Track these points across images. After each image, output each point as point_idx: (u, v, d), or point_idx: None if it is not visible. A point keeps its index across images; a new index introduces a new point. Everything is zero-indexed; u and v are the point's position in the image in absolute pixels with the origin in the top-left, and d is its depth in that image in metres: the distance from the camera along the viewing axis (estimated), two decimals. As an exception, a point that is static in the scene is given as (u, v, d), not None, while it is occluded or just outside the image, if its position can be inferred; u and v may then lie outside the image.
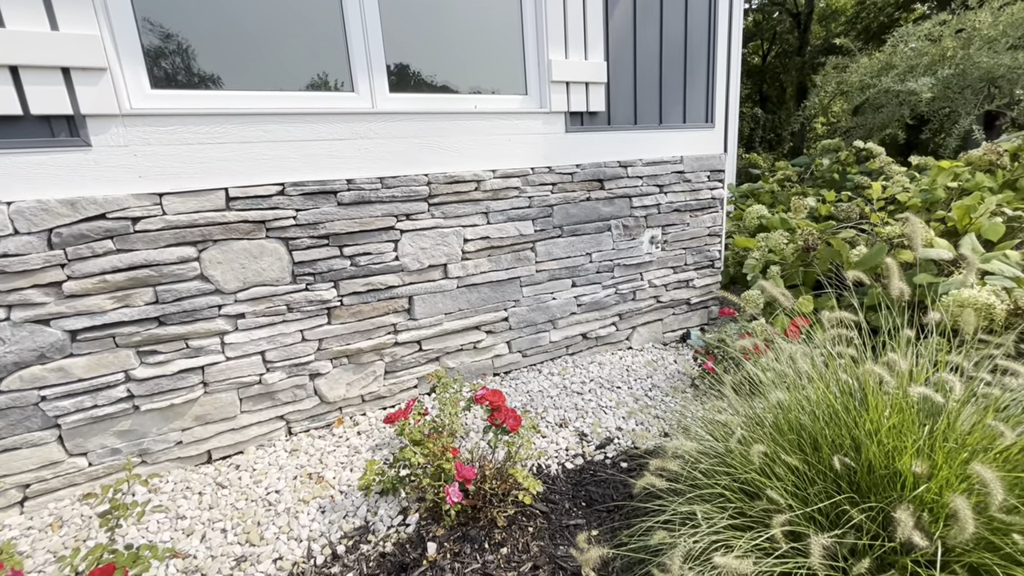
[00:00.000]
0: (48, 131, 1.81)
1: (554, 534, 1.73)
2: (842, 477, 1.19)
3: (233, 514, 1.90)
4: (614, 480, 1.99)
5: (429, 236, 2.56)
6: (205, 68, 2.11)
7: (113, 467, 2.08)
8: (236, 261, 2.15)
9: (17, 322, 1.84)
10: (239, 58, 2.17)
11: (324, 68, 2.33)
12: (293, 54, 2.26)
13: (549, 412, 2.54)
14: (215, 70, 2.13)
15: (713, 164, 3.44)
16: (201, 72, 2.11)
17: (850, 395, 1.28)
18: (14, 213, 1.77)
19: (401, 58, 2.47)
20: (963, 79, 3.69)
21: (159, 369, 2.08)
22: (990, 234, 2.48)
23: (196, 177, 2.04)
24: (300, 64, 2.29)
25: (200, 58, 2.10)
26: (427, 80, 2.57)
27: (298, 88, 2.29)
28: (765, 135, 15.73)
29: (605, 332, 3.28)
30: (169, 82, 2.04)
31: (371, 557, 1.68)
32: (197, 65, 2.10)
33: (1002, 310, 2.03)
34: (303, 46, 2.27)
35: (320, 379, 2.44)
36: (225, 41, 2.13)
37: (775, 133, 15.47)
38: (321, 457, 2.23)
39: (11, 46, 1.68)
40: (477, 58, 2.68)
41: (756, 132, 16.12)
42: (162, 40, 2.01)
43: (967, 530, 0.80)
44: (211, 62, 2.12)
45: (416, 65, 2.53)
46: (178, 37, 2.04)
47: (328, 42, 2.30)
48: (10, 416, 1.88)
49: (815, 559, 0.87)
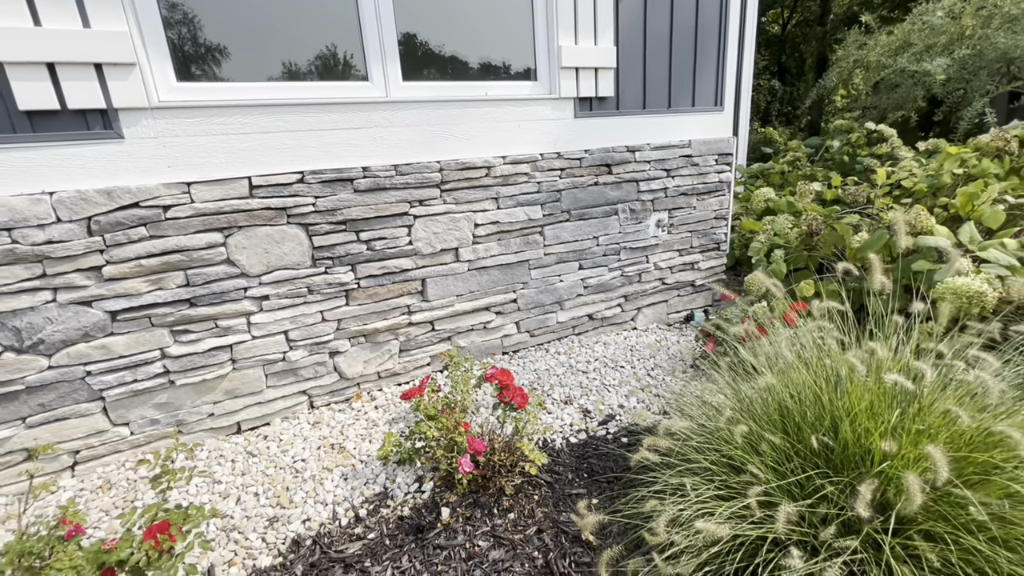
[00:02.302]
0: (84, 124, 1.92)
1: (557, 502, 1.88)
2: (819, 455, 1.31)
3: (264, 480, 2.07)
4: (614, 454, 2.13)
5: (441, 221, 2.66)
6: (226, 60, 2.19)
7: (152, 436, 2.26)
8: (260, 246, 2.27)
9: (63, 303, 1.99)
10: (259, 49, 2.25)
11: (339, 57, 2.40)
12: (310, 44, 2.33)
13: (555, 390, 2.68)
14: (236, 62, 2.21)
15: (721, 148, 3.47)
16: (223, 64, 2.19)
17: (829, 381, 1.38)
18: (56, 202, 1.90)
19: (413, 47, 2.52)
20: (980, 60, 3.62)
21: (191, 347, 2.24)
22: (990, 222, 2.52)
23: (221, 166, 2.15)
24: (316, 54, 2.36)
25: (221, 50, 2.18)
26: (439, 69, 2.63)
27: (315, 78, 2.36)
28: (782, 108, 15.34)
29: (611, 313, 3.39)
30: (193, 75, 2.13)
31: (390, 520, 1.85)
32: (219, 57, 2.18)
33: (993, 298, 2.10)
34: (319, 35, 2.34)
35: (339, 357, 2.59)
36: (245, 33, 2.21)
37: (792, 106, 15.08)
38: (342, 429, 2.40)
39: (47, 44, 1.78)
40: (488, 45, 2.72)
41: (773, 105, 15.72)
42: (186, 34, 2.09)
43: (916, 502, 0.92)
44: (232, 54, 2.20)
45: (428, 54, 2.59)
46: (201, 30, 2.12)
47: (343, 31, 2.36)
48: (60, 389, 2.06)
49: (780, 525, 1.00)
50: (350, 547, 1.74)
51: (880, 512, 1.13)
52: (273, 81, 2.28)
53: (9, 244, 1.85)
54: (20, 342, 1.95)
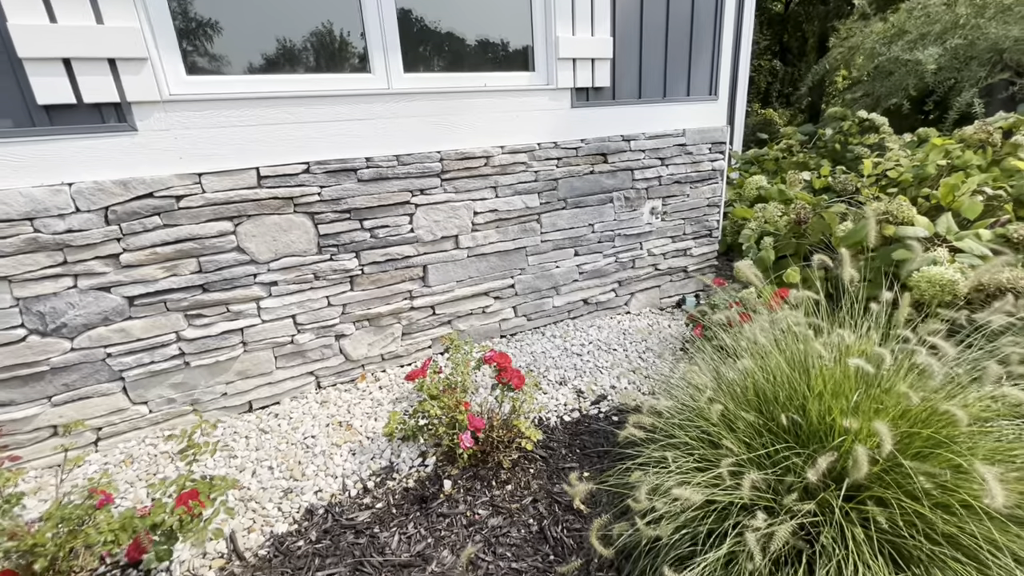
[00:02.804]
0: (99, 118, 1.99)
1: (551, 475, 2.03)
2: (788, 431, 1.44)
3: (276, 455, 2.21)
4: (605, 431, 2.27)
5: (442, 210, 2.75)
6: (233, 54, 2.26)
7: (170, 414, 2.39)
8: (268, 234, 2.37)
9: (83, 289, 2.09)
10: (264, 43, 2.31)
11: (342, 50, 2.46)
12: (314, 38, 2.39)
13: (550, 371, 2.81)
14: (243, 56, 2.28)
15: (715, 136, 3.55)
16: (230, 58, 2.26)
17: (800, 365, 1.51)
18: (75, 193, 1.99)
19: (414, 39, 2.58)
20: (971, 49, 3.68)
21: (205, 330, 2.35)
22: (969, 213, 2.63)
23: (230, 157, 2.24)
24: (320, 47, 2.42)
25: (229, 45, 2.24)
26: (439, 61, 2.69)
27: (319, 71, 2.43)
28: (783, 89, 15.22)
29: (605, 298, 3.51)
30: (201, 69, 2.20)
31: (396, 491, 2.00)
32: (226, 51, 2.24)
33: (964, 286, 2.23)
34: (323, 29, 2.40)
35: (344, 340, 2.71)
36: (251, 26, 2.27)
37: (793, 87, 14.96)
38: (348, 408, 2.53)
39: (63, 40, 1.85)
40: (486, 38, 2.78)
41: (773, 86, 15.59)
42: (194, 29, 2.16)
43: (862, 470, 1.05)
44: (239, 48, 2.26)
45: (428, 46, 2.65)
46: (209, 25, 2.18)
47: (346, 23, 2.42)
48: (83, 370, 2.18)
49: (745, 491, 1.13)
50: (360, 515, 1.88)
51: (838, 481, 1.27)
52: (278, 74, 2.35)
53: (32, 233, 1.95)
54: (45, 326, 2.06)
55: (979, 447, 1.26)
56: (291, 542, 1.78)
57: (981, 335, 1.66)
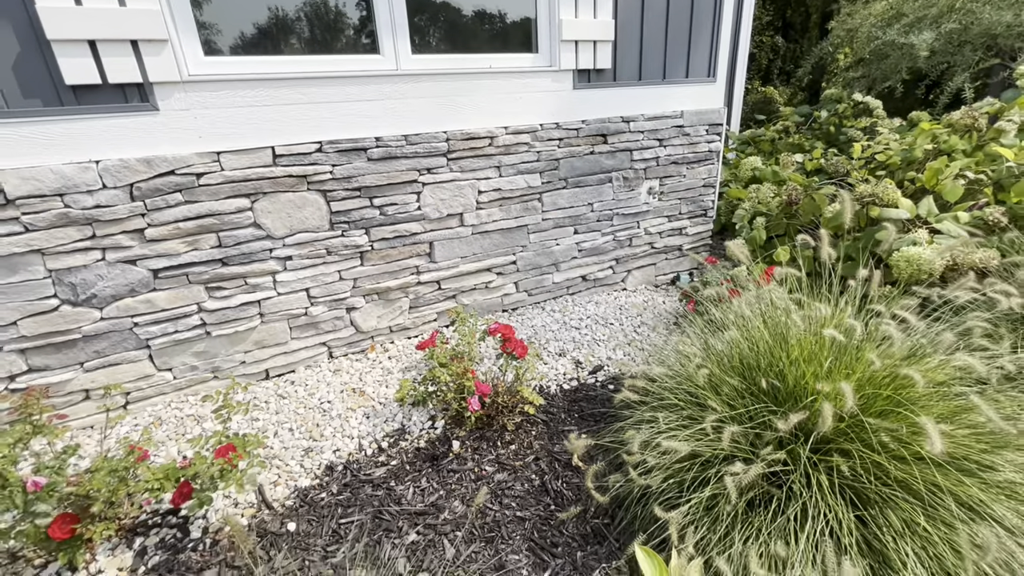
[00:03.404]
0: (123, 98, 2.08)
1: (551, 436, 2.20)
2: (768, 394, 1.60)
3: (296, 418, 2.37)
4: (601, 398, 2.44)
5: (448, 188, 2.86)
6: (248, 36, 2.33)
7: (193, 380, 2.54)
8: (283, 211, 2.48)
9: (111, 262, 2.21)
10: (279, 24, 2.38)
11: (353, 31, 2.53)
12: (325, 19, 2.46)
13: (550, 344, 2.97)
14: (258, 37, 2.35)
15: (712, 118, 3.64)
16: (246, 39, 2.33)
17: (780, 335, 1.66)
18: (102, 170, 2.09)
19: (422, 21, 2.65)
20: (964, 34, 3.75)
21: (224, 302, 2.48)
22: (950, 196, 2.76)
23: (247, 137, 2.33)
24: (332, 29, 2.49)
25: (244, 26, 2.31)
26: (445, 42, 2.76)
27: (330, 52, 2.50)
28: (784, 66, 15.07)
29: (603, 275, 3.65)
30: (218, 50, 2.27)
31: (408, 451, 2.17)
32: (241, 33, 2.31)
33: (940, 265, 2.38)
34: (334, 9, 2.46)
35: (355, 312, 2.85)
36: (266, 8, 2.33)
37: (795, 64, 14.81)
38: (360, 376, 2.69)
39: (88, 22, 1.92)
40: (491, 20, 2.84)
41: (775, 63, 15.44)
42: (211, 10, 2.22)
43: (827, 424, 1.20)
44: (254, 29, 2.33)
45: (435, 29, 2.71)
46: (225, 6, 2.24)
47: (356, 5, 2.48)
48: (112, 338, 2.31)
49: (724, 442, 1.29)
50: (376, 471, 2.05)
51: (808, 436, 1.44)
52: (291, 55, 2.42)
53: (63, 208, 2.06)
54: (76, 296, 2.19)
55: (934, 407, 1.43)
56: (314, 494, 1.95)
57: (950, 310, 1.81)
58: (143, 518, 1.84)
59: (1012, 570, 1.09)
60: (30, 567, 1.66)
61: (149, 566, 1.66)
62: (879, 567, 1.23)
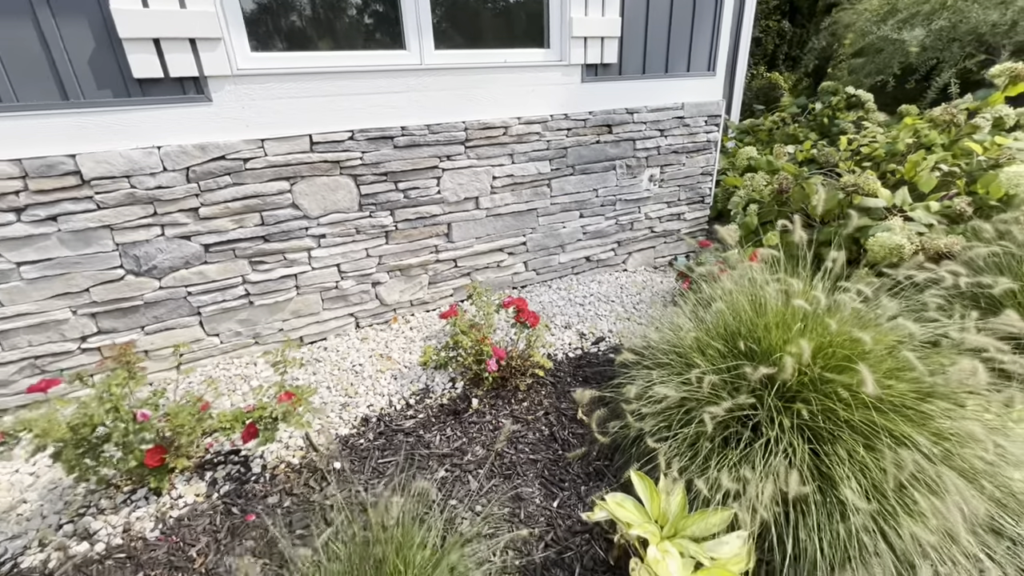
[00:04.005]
0: (181, 90, 2.33)
1: (559, 395, 2.50)
2: (746, 355, 1.89)
3: (331, 378, 2.67)
4: (603, 363, 2.74)
5: (465, 174, 3.12)
6: (290, 33, 2.57)
7: (237, 345, 2.84)
8: (318, 193, 2.75)
9: (169, 237, 2.49)
10: (318, 23, 2.61)
11: (382, 29, 2.76)
12: (358, 18, 2.69)
13: (557, 317, 3.26)
14: (300, 34, 2.58)
15: (711, 110, 3.87)
16: (289, 36, 2.56)
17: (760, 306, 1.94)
18: (163, 155, 2.35)
19: (444, 18, 2.87)
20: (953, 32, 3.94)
21: (266, 275, 2.76)
22: (924, 187, 3.02)
23: (287, 125, 2.58)
24: (364, 27, 2.72)
25: (286, 25, 2.54)
26: (465, 38, 2.99)
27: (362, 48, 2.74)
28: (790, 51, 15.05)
29: (605, 256, 3.93)
30: (264, 46, 2.51)
31: (433, 407, 2.47)
32: (284, 31, 2.55)
33: (909, 250, 2.65)
34: (366, 10, 2.69)
35: (380, 286, 3.13)
36: (307, 8, 2.56)
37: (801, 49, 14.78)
38: (386, 343, 2.98)
39: (154, 22, 2.16)
40: (507, 16, 3.07)
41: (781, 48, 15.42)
42: (257, 11, 2.46)
43: (787, 372, 1.48)
44: (296, 28, 2.57)
45: (456, 25, 2.94)
46: (269, 7, 2.48)
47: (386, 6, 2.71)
48: (168, 305, 2.60)
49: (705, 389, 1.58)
50: (406, 423, 2.36)
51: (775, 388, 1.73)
52: (327, 51, 2.66)
53: (129, 189, 2.32)
54: (138, 267, 2.47)
55: (882, 364, 1.71)
56: (354, 440, 2.26)
57: (916, 288, 2.09)
58: (208, 458, 2.15)
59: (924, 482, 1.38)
60: (120, 493, 1.97)
61: (221, 493, 1.98)
62: (826, 488, 1.53)
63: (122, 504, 1.92)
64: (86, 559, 1.71)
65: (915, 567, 1.29)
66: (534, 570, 1.66)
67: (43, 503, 1.92)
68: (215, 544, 1.77)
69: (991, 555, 1.36)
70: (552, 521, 1.83)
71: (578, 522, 1.82)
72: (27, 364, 2.41)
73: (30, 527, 1.83)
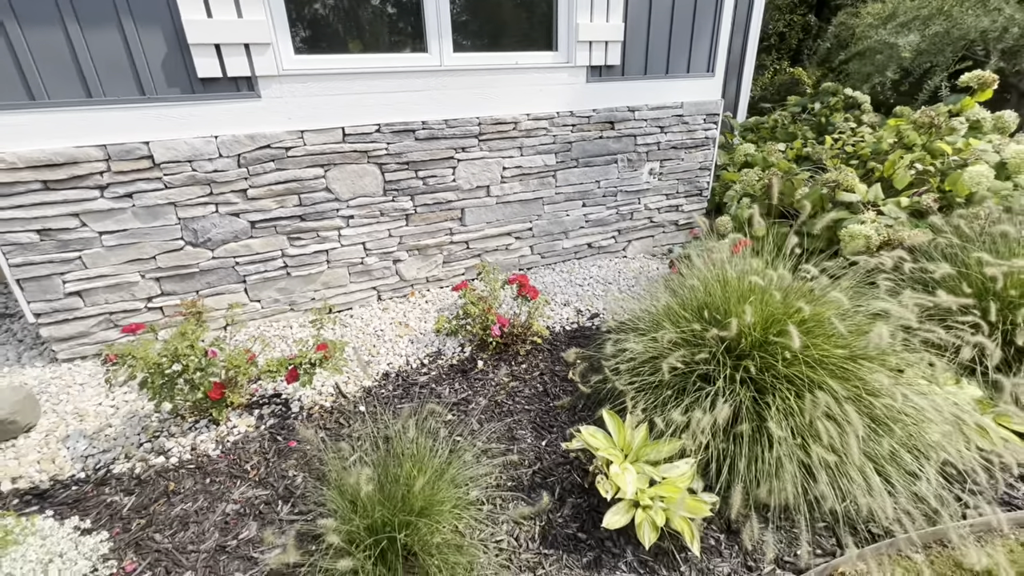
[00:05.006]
0: (235, 88, 2.72)
1: (554, 360, 2.86)
2: (709, 321, 2.22)
3: (356, 340, 3.07)
4: (595, 334, 3.08)
5: (478, 165, 3.47)
6: (327, 38, 2.94)
7: (276, 310, 3.25)
8: (348, 179, 3.13)
9: (222, 214, 2.89)
10: (351, 29, 2.98)
11: (407, 35, 3.12)
12: (387, 26, 3.05)
13: (557, 296, 3.61)
14: (335, 39, 2.95)
15: (709, 109, 4.15)
16: (326, 41, 2.94)
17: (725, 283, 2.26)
18: (220, 143, 2.75)
19: (461, 23, 3.22)
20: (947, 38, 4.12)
21: (301, 250, 3.16)
22: (898, 183, 3.28)
23: (323, 119, 2.96)
24: (388, 31, 3.08)
25: (324, 31, 2.92)
26: (480, 43, 3.33)
27: (388, 51, 3.10)
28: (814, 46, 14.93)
29: (606, 243, 4.25)
30: (305, 49, 2.89)
31: (444, 367, 2.84)
32: (322, 37, 2.92)
33: (876, 240, 2.93)
34: (394, 19, 3.05)
35: (400, 264, 3.52)
36: (342, 17, 2.93)
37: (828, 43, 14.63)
38: (404, 313, 3.37)
39: (216, 30, 2.55)
40: (519, 22, 3.39)
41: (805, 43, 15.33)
42: (299, 19, 2.83)
43: (733, 331, 1.81)
44: (333, 33, 2.94)
45: (472, 32, 3.28)
46: (309, 17, 2.85)
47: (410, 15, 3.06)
48: (219, 273, 3.01)
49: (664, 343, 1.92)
50: (421, 378, 2.74)
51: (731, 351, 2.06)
52: (360, 54, 3.03)
53: (191, 172, 2.73)
54: (196, 239, 2.88)
55: (818, 330, 2.03)
56: (376, 391, 2.65)
57: (879, 272, 2.38)
58: (255, 400, 2.56)
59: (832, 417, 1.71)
60: (185, 423, 2.39)
61: (267, 425, 2.38)
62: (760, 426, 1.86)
63: (188, 430, 2.34)
64: (164, 468, 2.14)
65: (815, 478, 1.62)
66: (523, 489, 2.03)
67: (125, 427, 2.35)
68: (264, 462, 2.18)
69: (880, 471, 1.69)
70: (540, 455, 2.20)
71: (562, 455, 2.18)
72: (103, 319, 2.85)
73: (116, 444, 2.26)
